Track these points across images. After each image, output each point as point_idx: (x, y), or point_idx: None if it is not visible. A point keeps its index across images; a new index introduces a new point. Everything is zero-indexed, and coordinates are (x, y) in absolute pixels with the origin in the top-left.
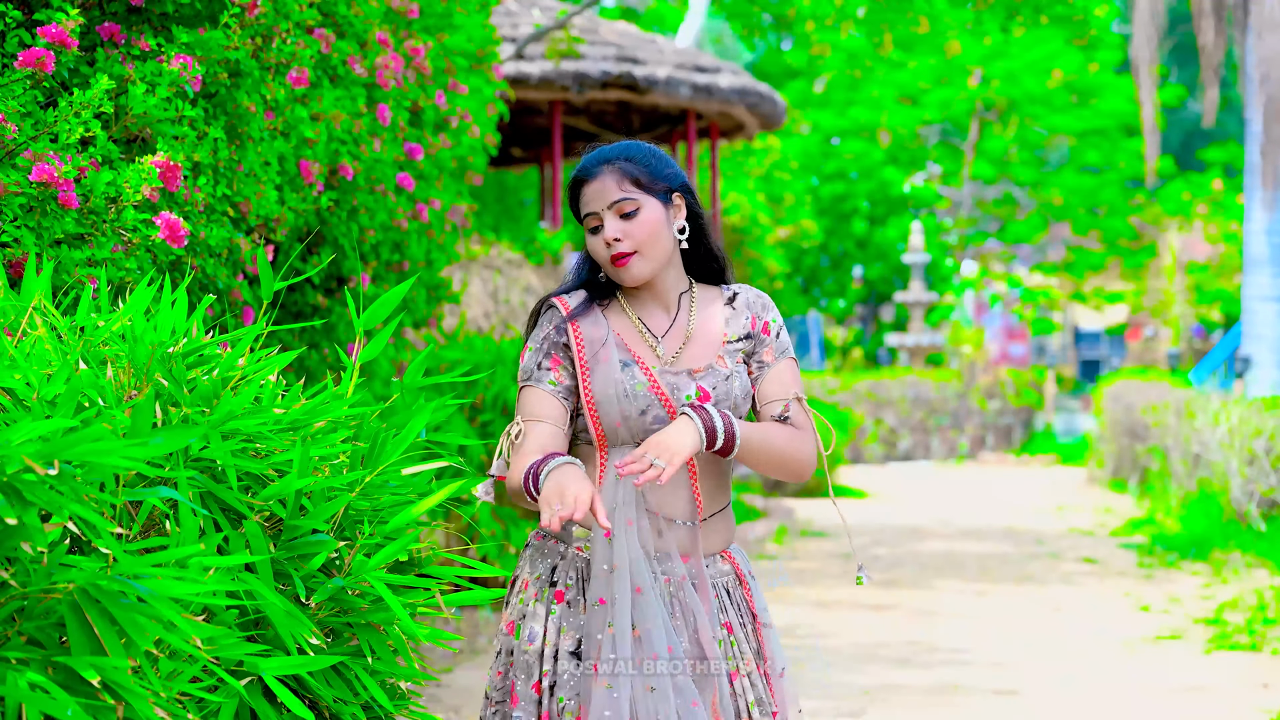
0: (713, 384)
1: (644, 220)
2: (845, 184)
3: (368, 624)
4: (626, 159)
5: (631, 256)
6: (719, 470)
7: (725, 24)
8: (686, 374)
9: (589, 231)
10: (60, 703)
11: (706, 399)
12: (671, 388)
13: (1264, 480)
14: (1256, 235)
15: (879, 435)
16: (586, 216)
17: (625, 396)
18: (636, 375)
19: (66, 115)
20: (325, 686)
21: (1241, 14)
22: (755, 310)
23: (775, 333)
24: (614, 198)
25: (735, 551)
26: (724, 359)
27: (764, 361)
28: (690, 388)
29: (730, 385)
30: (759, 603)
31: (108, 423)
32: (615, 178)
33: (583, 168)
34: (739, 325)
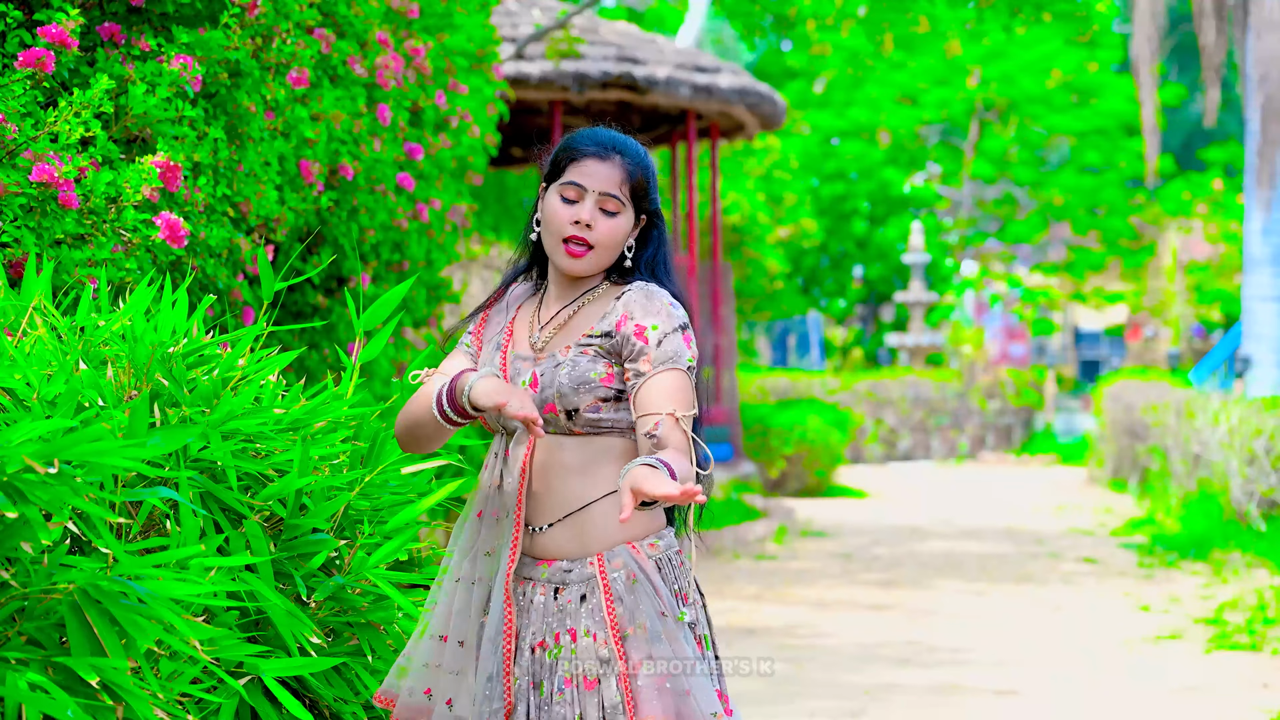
0: (542, 370)
1: (616, 226)
2: (845, 184)
3: (368, 623)
4: (638, 165)
5: (587, 250)
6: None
7: (725, 24)
8: (531, 360)
9: (561, 198)
10: (60, 703)
11: (534, 386)
12: (514, 373)
13: (1264, 480)
14: (1256, 235)
15: (879, 435)
16: (570, 184)
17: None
18: (495, 359)
19: (66, 115)
20: (325, 686)
21: (1241, 14)
22: (631, 309)
23: (657, 341)
24: (609, 190)
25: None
26: (569, 348)
27: (640, 371)
28: (526, 374)
29: (557, 373)
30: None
31: (107, 423)
32: (621, 174)
33: (599, 141)
34: (605, 322)
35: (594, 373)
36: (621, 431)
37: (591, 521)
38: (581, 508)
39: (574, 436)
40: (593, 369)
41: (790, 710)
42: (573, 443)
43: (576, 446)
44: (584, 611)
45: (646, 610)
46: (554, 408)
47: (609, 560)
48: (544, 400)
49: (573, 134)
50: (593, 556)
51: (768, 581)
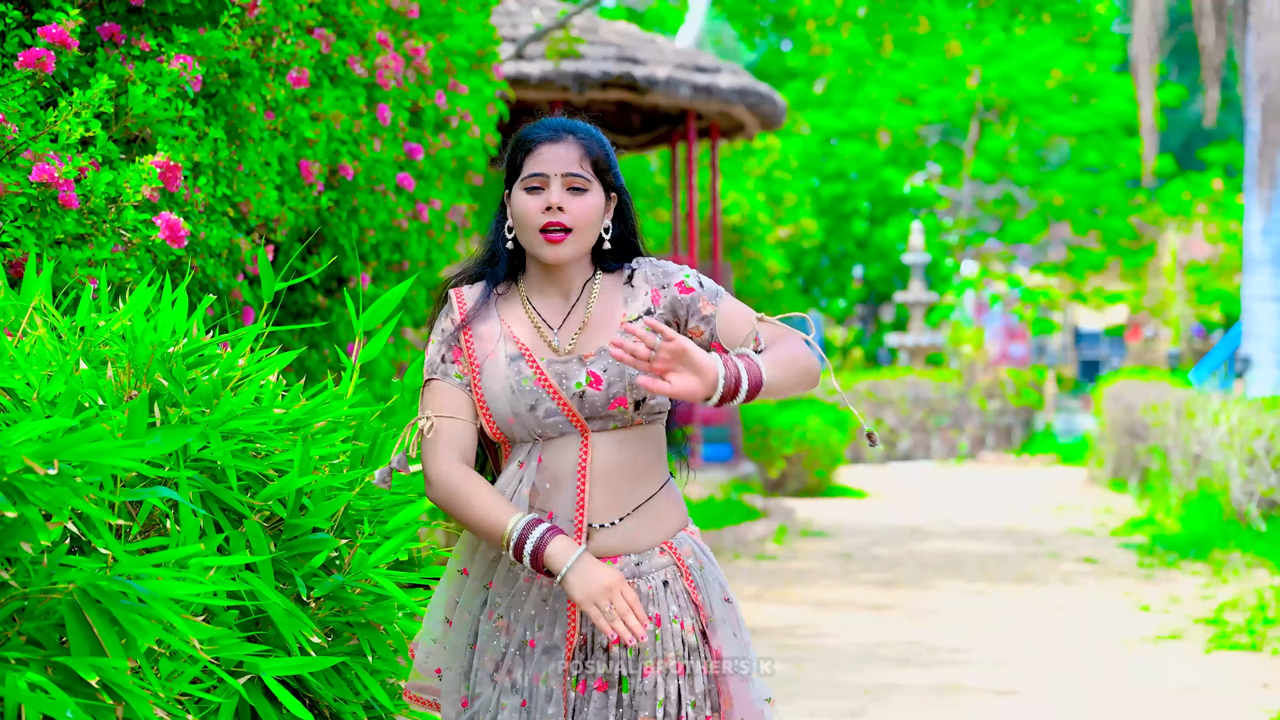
0: (603, 367)
1: (589, 204)
2: (845, 184)
3: (368, 623)
4: (593, 140)
5: (567, 234)
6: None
7: (725, 24)
8: (577, 360)
9: (525, 190)
10: (60, 703)
11: (597, 384)
12: (559, 377)
13: (1264, 480)
14: (1256, 235)
15: (879, 435)
16: (531, 176)
17: (513, 392)
18: (523, 369)
19: (67, 115)
20: (326, 686)
21: (1241, 14)
22: (654, 282)
23: (698, 283)
24: (571, 169)
25: (680, 541)
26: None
27: (705, 315)
28: (580, 374)
29: (622, 365)
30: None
31: (107, 423)
32: (579, 151)
33: (549, 127)
34: (638, 304)
35: None
36: (664, 415)
37: (652, 514)
38: (646, 500)
39: (631, 429)
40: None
41: (790, 710)
42: (631, 436)
43: (633, 440)
44: (668, 597)
45: (715, 595)
46: (624, 400)
47: (679, 547)
48: (612, 395)
49: (522, 129)
50: (659, 545)
51: (768, 581)
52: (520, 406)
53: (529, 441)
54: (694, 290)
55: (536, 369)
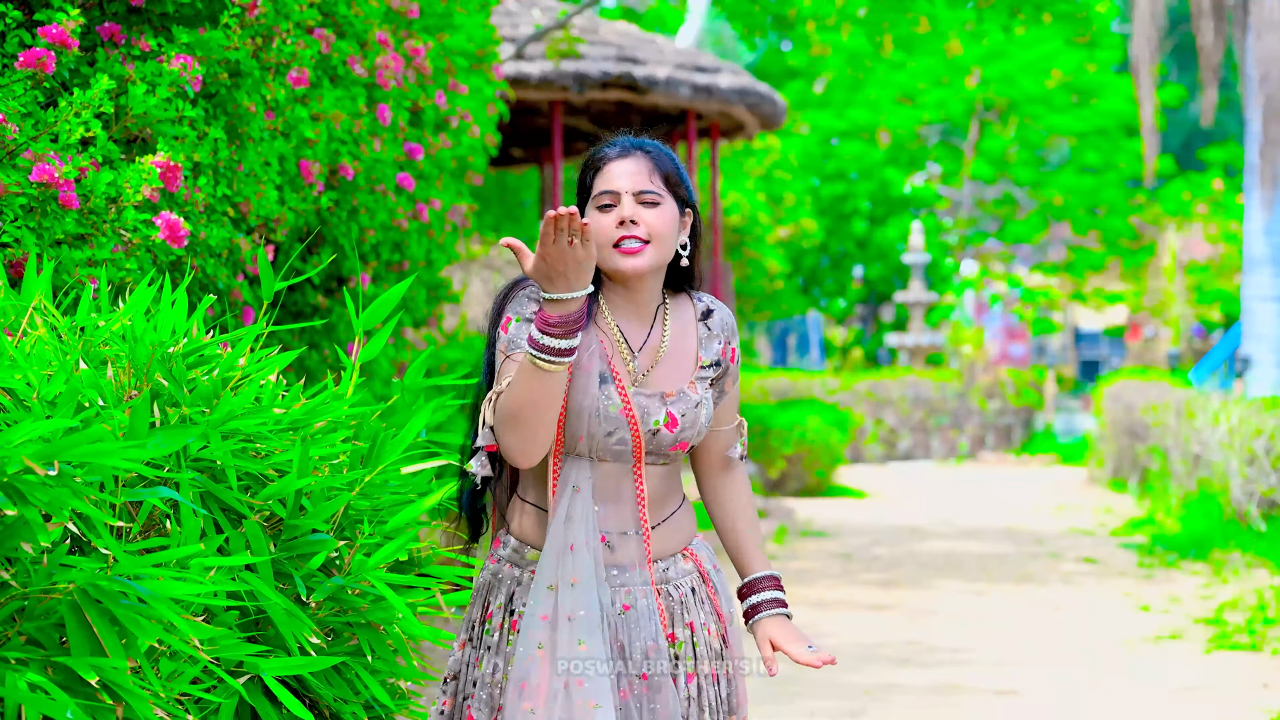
0: (682, 410)
1: (662, 216)
2: (845, 184)
3: (368, 623)
4: (662, 154)
5: (644, 246)
6: (665, 474)
7: (725, 24)
8: (659, 397)
9: (597, 208)
10: (59, 703)
11: (672, 427)
12: (643, 411)
13: (1264, 480)
14: (1256, 235)
15: (879, 435)
16: (602, 194)
17: (597, 415)
18: (613, 396)
19: (67, 115)
20: (326, 686)
21: (1241, 14)
22: (728, 336)
23: (738, 359)
24: (643, 186)
25: (697, 547)
26: (695, 385)
27: (724, 390)
28: (660, 413)
29: (698, 414)
30: (723, 598)
31: (107, 423)
32: (649, 166)
33: (618, 145)
34: (713, 351)
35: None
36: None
37: (674, 526)
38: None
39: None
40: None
41: (790, 710)
42: (667, 471)
43: (668, 473)
44: (696, 604)
45: (729, 599)
46: (686, 445)
47: (698, 553)
48: (680, 438)
49: (592, 150)
50: (681, 551)
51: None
52: (598, 430)
53: (587, 459)
54: (735, 363)
55: (624, 398)
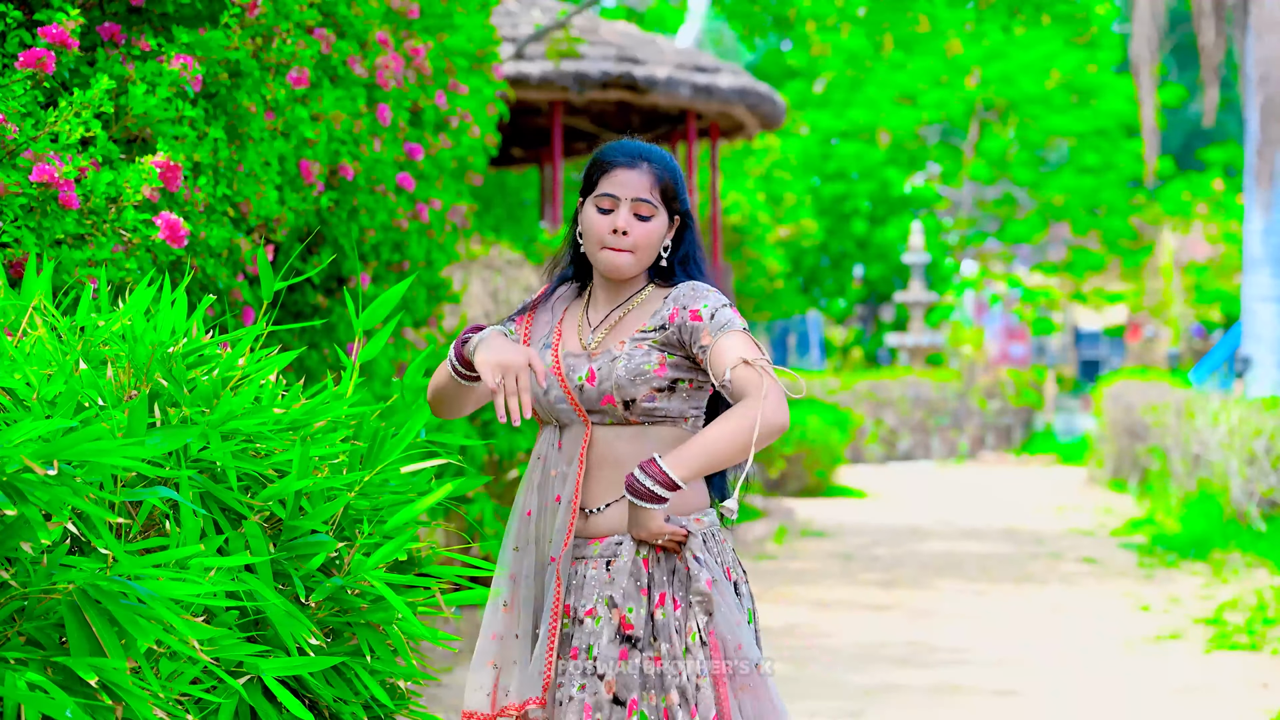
0: (599, 365)
1: (652, 229)
2: (845, 184)
3: (367, 624)
4: (666, 168)
5: (627, 254)
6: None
7: (725, 24)
8: (585, 356)
9: (597, 209)
10: (59, 702)
11: (592, 380)
12: (569, 369)
13: (1264, 480)
14: (1255, 235)
15: (879, 435)
16: (604, 195)
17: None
18: (546, 356)
19: (67, 115)
20: (325, 686)
21: (1241, 14)
22: (681, 301)
23: (709, 315)
24: (641, 195)
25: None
26: (624, 343)
27: (704, 345)
28: (583, 368)
29: (614, 365)
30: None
31: (107, 423)
32: (650, 179)
33: (627, 152)
34: (657, 318)
35: (648, 364)
36: (674, 421)
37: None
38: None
39: (630, 426)
40: (647, 361)
41: (790, 710)
42: (629, 432)
43: (632, 436)
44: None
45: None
46: (612, 399)
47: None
48: (602, 392)
49: (602, 148)
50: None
51: (768, 582)
52: (538, 388)
53: (551, 424)
54: (701, 320)
55: (555, 358)
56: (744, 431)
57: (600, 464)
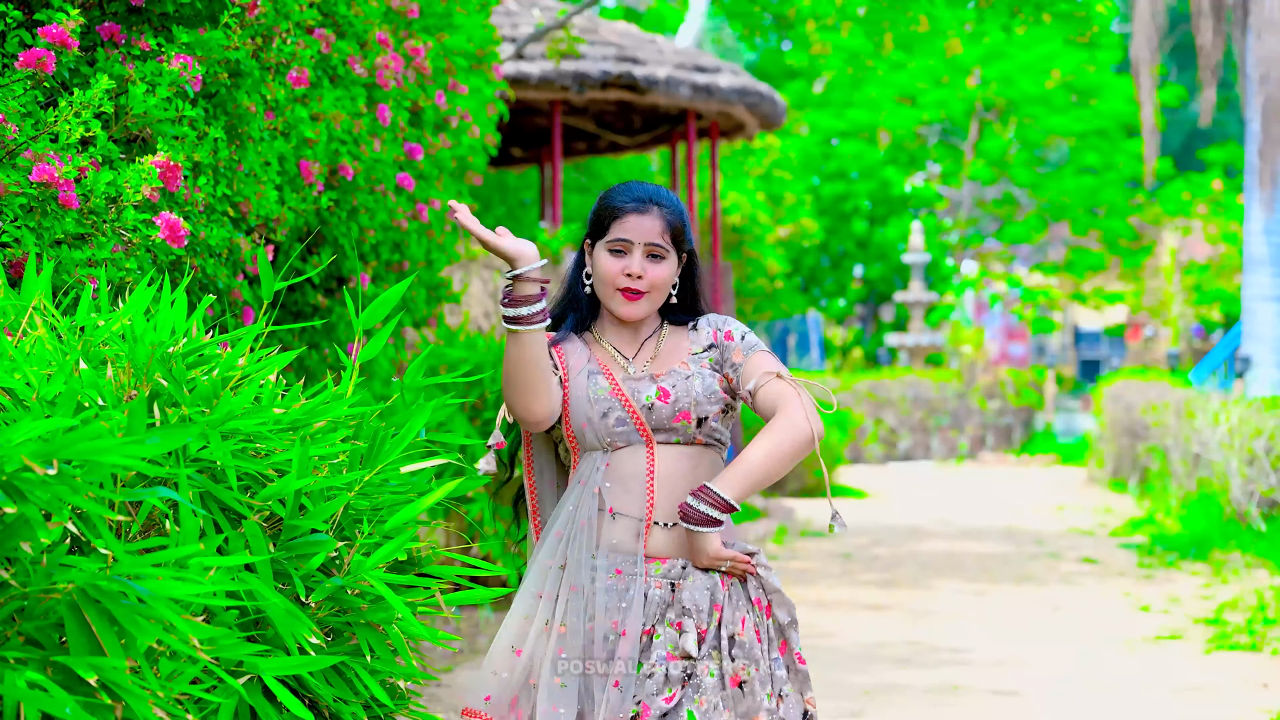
0: (672, 383)
1: (663, 272)
2: (845, 184)
3: (367, 624)
4: (675, 211)
5: (642, 296)
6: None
7: (725, 24)
8: (649, 378)
9: (610, 252)
10: (59, 701)
11: (665, 398)
12: (633, 390)
13: (1264, 480)
14: (1256, 235)
15: (879, 435)
16: (617, 240)
17: (589, 400)
18: (599, 382)
19: (67, 115)
20: (325, 686)
21: (1241, 14)
22: (714, 325)
23: (740, 336)
24: (654, 240)
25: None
26: (688, 364)
27: (735, 363)
28: (652, 389)
29: (690, 384)
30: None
31: (106, 422)
32: (662, 224)
33: (637, 196)
34: (702, 340)
35: (715, 385)
36: (720, 446)
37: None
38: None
39: (693, 447)
40: (715, 380)
41: None
42: (691, 452)
43: (693, 455)
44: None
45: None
46: (688, 415)
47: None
48: (678, 409)
49: (610, 192)
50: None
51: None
52: (594, 413)
53: (598, 450)
54: (734, 340)
55: (612, 381)
56: (785, 444)
57: (669, 482)
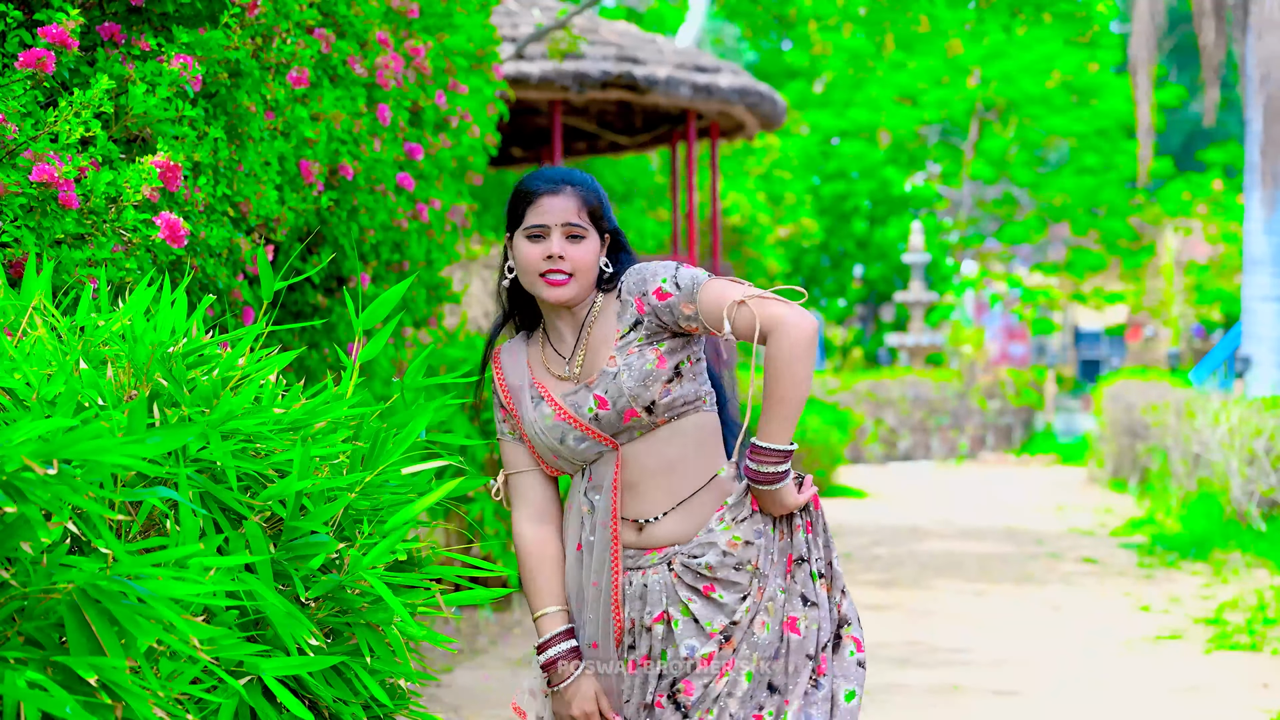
0: (604, 388)
1: (586, 250)
2: (845, 184)
3: (367, 624)
4: (589, 190)
5: (569, 279)
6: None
7: (726, 24)
8: (585, 389)
9: (527, 238)
10: (59, 701)
11: (604, 406)
12: (574, 407)
13: (1264, 480)
14: (1256, 235)
15: (879, 435)
16: (534, 226)
17: (542, 432)
18: (544, 410)
19: (67, 115)
20: (325, 686)
21: (1241, 14)
22: (636, 292)
23: (674, 285)
24: (570, 219)
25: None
26: (614, 357)
27: (689, 315)
28: (588, 399)
29: (619, 381)
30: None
31: (106, 422)
32: (576, 202)
33: (547, 179)
34: (627, 316)
35: (648, 363)
36: (695, 406)
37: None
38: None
39: (661, 428)
40: (645, 360)
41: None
42: (664, 434)
43: (667, 436)
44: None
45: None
46: (635, 411)
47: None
48: (621, 410)
49: (521, 180)
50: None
51: None
52: (552, 441)
53: (582, 467)
54: (671, 295)
55: (555, 405)
56: (797, 362)
57: (648, 475)
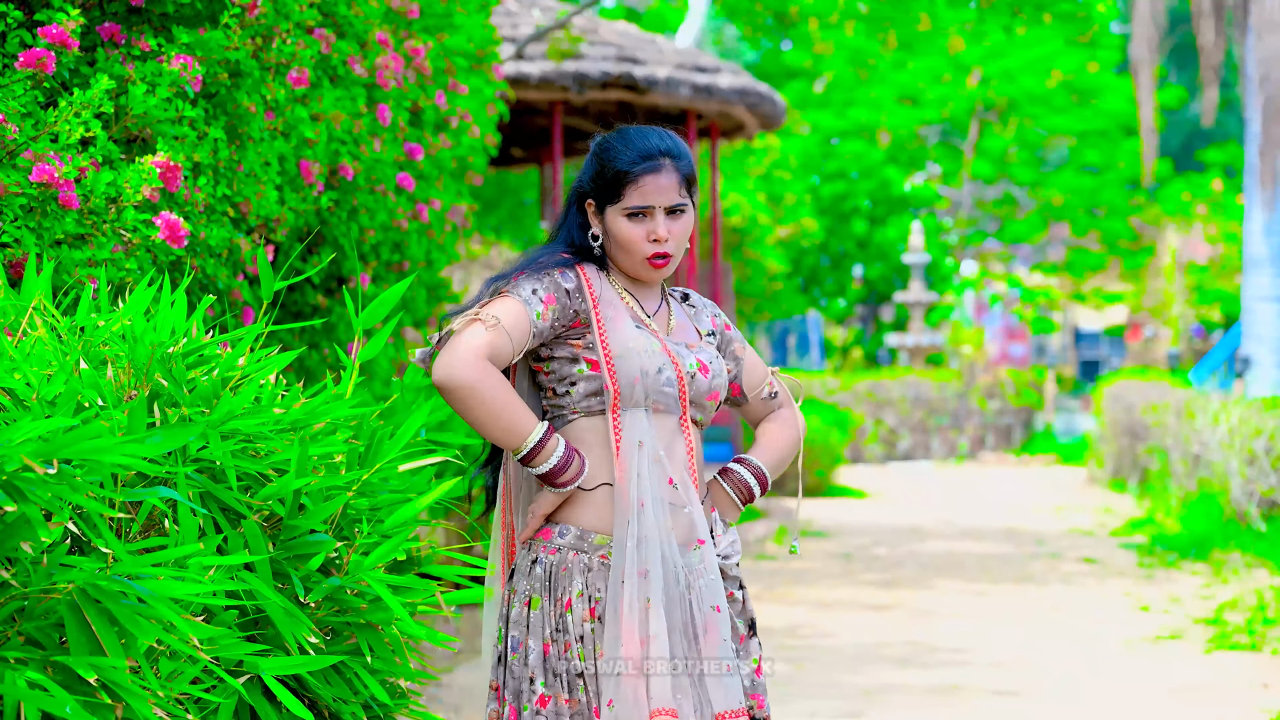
0: (710, 358)
1: (685, 225)
2: (845, 183)
3: (366, 623)
4: (685, 160)
5: (669, 259)
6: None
7: (726, 24)
8: (685, 346)
9: (626, 217)
10: (59, 700)
11: (705, 372)
12: (678, 353)
13: (1264, 480)
14: (1256, 235)
15: (879, 435)
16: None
17: (645, 352)
18: (650, 336)
19: (67, 115)
20: (325, 685)
21: (1241, 14)
22: (713, 312)
23: (733, 327)
24: (674, 200)
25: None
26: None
27: (738, 356)
28: (692, 358)
29: (720, 365)
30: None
31: (106, 422)
32: (678, 178)
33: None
34: (705, 322)
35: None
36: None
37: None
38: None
39: (698, 428)
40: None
41: (790, 710)
42: (695, 435)
43: (695, 439)
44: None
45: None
46: (717, 396)
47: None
48: (713, 387)
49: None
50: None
51: (768, 582)
52: (650, 366)
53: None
54: (731, 331)
55: (659, 340)
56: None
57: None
